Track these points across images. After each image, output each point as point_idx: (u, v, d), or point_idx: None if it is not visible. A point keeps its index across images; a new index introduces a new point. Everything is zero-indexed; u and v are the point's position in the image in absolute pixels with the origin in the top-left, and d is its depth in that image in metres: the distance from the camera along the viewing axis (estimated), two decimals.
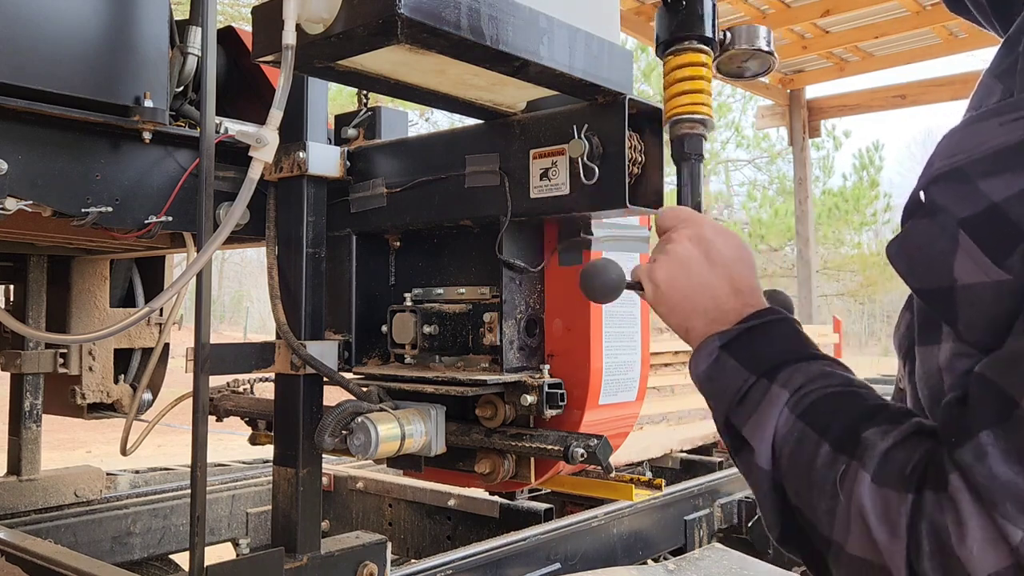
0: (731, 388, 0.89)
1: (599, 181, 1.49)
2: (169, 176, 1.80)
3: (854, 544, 0.71)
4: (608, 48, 1.44)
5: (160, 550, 3.08)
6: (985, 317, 0.72)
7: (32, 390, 2.99)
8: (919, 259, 0.77)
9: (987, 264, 0.71)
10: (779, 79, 8.34)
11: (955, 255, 0.73)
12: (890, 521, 0.68)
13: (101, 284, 2.90)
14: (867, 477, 0.71)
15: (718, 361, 0.92)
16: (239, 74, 2.14)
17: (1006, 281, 0.70)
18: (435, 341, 1.76)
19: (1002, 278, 0.70)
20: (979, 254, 0.71)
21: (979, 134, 0.75)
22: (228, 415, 2.33)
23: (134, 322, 2.20)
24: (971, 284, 0.72)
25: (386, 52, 1.29)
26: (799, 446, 0.79)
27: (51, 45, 1.53)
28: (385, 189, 1.85)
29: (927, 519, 0.66)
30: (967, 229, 0.72)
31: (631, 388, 1.77)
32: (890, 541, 0.68)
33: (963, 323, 0.74)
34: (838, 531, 0.73)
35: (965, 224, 0.72)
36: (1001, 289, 0.70)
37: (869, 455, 0.72)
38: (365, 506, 3.21)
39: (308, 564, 1.79)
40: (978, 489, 0.63)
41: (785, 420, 0.81)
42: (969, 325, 0.74)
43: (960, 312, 0.74)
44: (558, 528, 2.40)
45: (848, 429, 0.76)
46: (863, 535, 0.70)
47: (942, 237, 0.74)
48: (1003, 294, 0.70)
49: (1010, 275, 0.70)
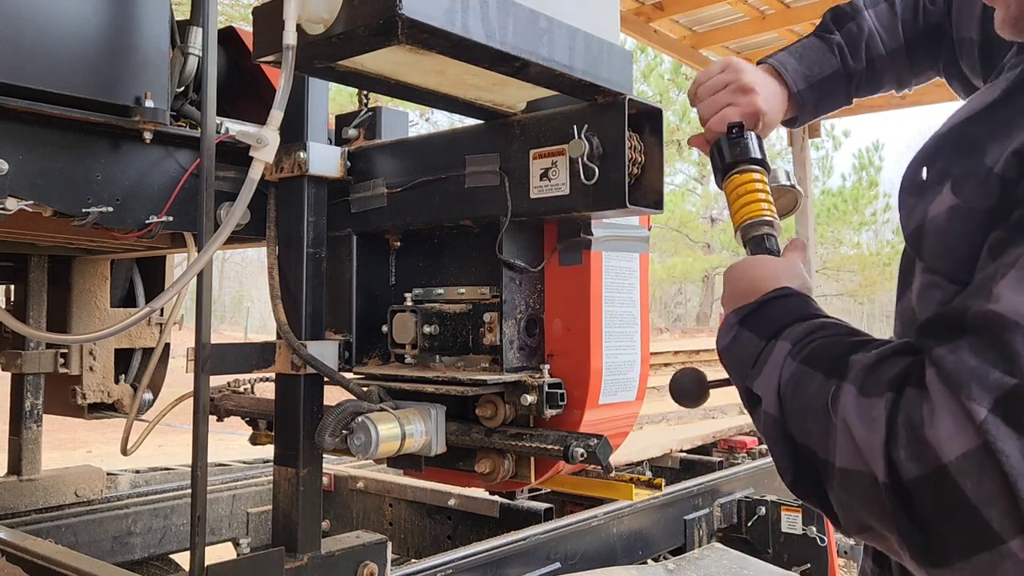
0: (747, 357, 0.94)
1: (599, 181, 1.49)
2: (170, 176, 1.81)
3: (843, 456, 0.74)
4: (608, 48, 1.44)
5: (160, 550, 3.08)
6: (942, 242, 0.82)
7: (33, 390, 2.99)
8: (912, 208, 0.88)
9: (948, 195, 0.82)
10: None
11: (934, 198, 0.85)
12: (870, 420, 0.71)
13: (102, 284, 2.90)
14: (852, 390, 0.75)
15: (736, 336, 0.98)
16: (240, 74, 2.14)
17: (957, 206, 0.81)
18: (435, 341, 1.76)
19: (955, 203, 0.81)
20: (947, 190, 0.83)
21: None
22: (229, 415, 2.33)
23: (135, 322, 2.20)
24: (935, 215, 0.84)
25: (386, 52, 1.29)
26: (798, 385, 0.83)
27: (52, 45, 1.53)
28: (385, 189, 1.86)
29: (904, 411, 0.69)
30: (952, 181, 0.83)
31: (631, 388, 1.77)
32: (869, 439, 0.70)
33: (927, 252, 0.85)
34: (832, 450, 0.75)
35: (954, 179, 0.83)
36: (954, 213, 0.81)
37: (854, 372, 0.76)
38: (365, 506, 3.21)
39: (308, 564, 1.79)
40: (948, 376, 0.67)
41: (787, 366, 0.86)
42: (932, 253, 0.84)
43: (925, 242, 0.84)
44: (558, 528, 2.40)
45: (839, 358, 0.80)
46: (848, 444, 0.73)
47: (936, 185, 0.85)
48: (955, 218, 0.81)
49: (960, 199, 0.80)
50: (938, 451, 0.65)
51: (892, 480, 0.68)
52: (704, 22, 7.15)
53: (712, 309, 22.67)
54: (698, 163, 21.56)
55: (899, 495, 0.68)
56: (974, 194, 0.80)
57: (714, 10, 6.82)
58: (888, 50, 1.45)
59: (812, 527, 2.92)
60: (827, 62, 1.44)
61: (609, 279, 1.70)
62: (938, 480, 0.65)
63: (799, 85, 1.41)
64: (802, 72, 1.42)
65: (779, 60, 1.39)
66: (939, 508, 0.66)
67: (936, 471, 0.65)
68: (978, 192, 0.80)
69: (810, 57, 1.44)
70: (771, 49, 6.41)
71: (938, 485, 0.65)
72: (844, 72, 1.44)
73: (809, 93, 1.42)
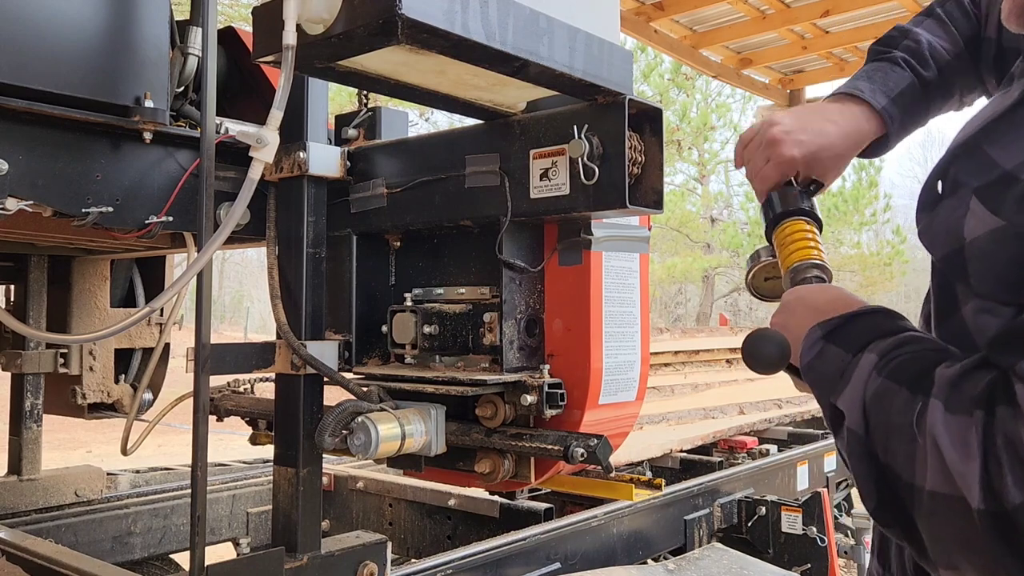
0: (833, 372, 0.89)
1: (599, 181, 1.49)
2: (169, 176, 1.81)
3: (933, 480, 0.69)
4: (608, 48, 1.44)
5: (160, 550, 3.08)
6: (989, 267, 0.78)
7: (33, 390, 2.99)
8: (940, 230, 0.85)
9: (986, 215, 0.78)
10: (779, 79, 8.34)
11: (965, 217, 0.81)
12: (964, 443, 0.67)
13: (102, 284, 2.90)
14: (940, 406, 0.71)
15: (822, 351, 0.93)
16: (239, 74, 2.14)
17: (1000, 227, 0.77)
18: (435, 341, 1.76)
19: (997, 224, 0.77)
20: (979, 209, 0.79)
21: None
22: (229, 415, 2.33)
23: (134, 322, 2.20)
24: (976, 238, 0.80)
25: (386, 52, 1.29)
26: (883, 401, 0.79)
27: (52, 45, 1.53)
28: (385, 189, 1.85)
29: (1002, 433, 0.65)
30: (977, 194, 0.80)
31: (631, 388, 1.77)
32: (964, 463, 0.67)
33: (973, 277, 0.80)
34: (919, 472, 0.71)
35: (977, 191, 0.81)
36: (996, 236, 0.77)
37: (939, 388, 0.73)
38: (365, 506, 3.21)
39: (308, 564, 1.79)
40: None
41: (872, 381, 0.82)
42: (979, 277, 0.80)
43: (969, 267, 0.80)
44: (558, 528, 2.40)
45: (922, 372, 0.77)
46: (939, 467, 0.69)
47: (960, 207, 0.82)
48: (998, 240, 0.77)
49: (1004, 220, 0.76)
50: None
51: (991, 507, 0.64)
52: (704, 22, 7.15)
53: (712, 309, 22.67)
54: (698, 163, 21.57)
55: (999, 523, 0.64)
56: (1016, 213, 0.76)
57: (714, 10, 6.82)
58: (952, 55, 1.37)
59: (812, 527, 2.92)
60: (899, 76, 1.37)
61: (609, 279, 1.70)
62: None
63: (880, 101, 1.33)
64: (879, 89, 1.34)
65: (851, 86, 1.33)
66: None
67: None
68: (1020, 211, 0.76)
69: (879, 76, 1.36)
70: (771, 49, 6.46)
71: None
72: (919, 82, 1.36)
73: (893, 107, 1.33)
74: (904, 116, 1.35)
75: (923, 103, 1.37)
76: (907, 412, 0.74)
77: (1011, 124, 0.84)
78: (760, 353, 1.06)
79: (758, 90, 8.41)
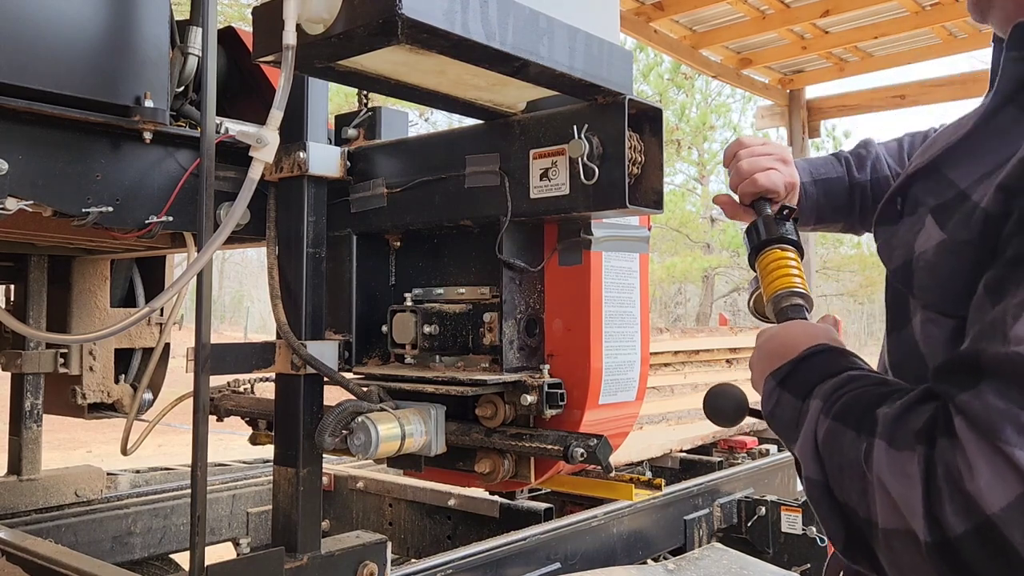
0: (789, 420, 0.91)
1: (599, 181, 1.49)
2: (169, 176, 1.81)
3: (884, 516, 0.71)
4: (608, 48, 1.44)
5: (160, 550, 3.08)
6: (933, 278, 0.84)
7: (33, 390, 2.99)
8: (897, 244, 0.92)
9: (935, 230, 0.85)
10: (778, 79, 8.34)
11: (917, 232, 0.88)
12: (907, 477, 0.69)
13: (102, 284, 2.90)
14: (883, 445, 0.73)
15: (778, 400, 0.95)
16: (239, 74, 2.14)
17: (944, 241, 0.83)
18: (435, 341, 1.76)
19: (942, 238, 0.83)
20: (931, 225, 0.86)
21: None
22: (229, 415, 2.33)
23: (134, 322, 2.20)
24: (924, 250, 0.86)
25: (386, 52, 1.29)
26: (832, 443, 0.81)
27: (52, 45, 1.53)
28: (385, 189, 1.85)
29: (941, 464, 0.67)
30: (933, 212, 0.87)
31: (631, 388, 1.77)
32: (908, 496, 0.68)
33: (918, 288, 0.86)
34: (872, 509, 0.73)
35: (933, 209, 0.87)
36: (942, 249, 0.83)
37: (883, 425, 0.74)
38: (365, 506, 3.21)
39: (308, 564, 1.79)
40: (978, 422, 0.65)
41: (821, 424, 0.84)
42: (923, 288, 0.86)
43: (915, 278, 0.87)
44: (558, 528, 2.40)
45: (866, 411, 0.79)
46: (888, 503, 0.71)
47: (917, 223, 0.89)
48: (943, 253, 0.83)
49: (946, 234, 0.83)
50: (981, 503, 0.63)
51: (936, 538, 0.65)
52: (704, 22, 7.15)
53: (712, 309, 22.66)
54: (698, 163, 21.56)
55: (945, 553, 0.65)
56: (959, 228, 0.81)
57: (714, 10, 6.82)
58: (895, 173, 1.49)
59: (812, 527, 2.92)
60: (832, 168, 1.51)
61: (609, 279, 1.70)
62: (985, 533, 0.63)
63: (803, 178, 1.47)
64: (808, 169, 1.49)
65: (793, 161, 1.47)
66: (990, 562, 0.63)
67: (982, 524, 0.63)
68: (963, 226, 0.81)
69: (817, 162, 1.52)
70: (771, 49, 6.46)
71: (986, 539, 0.63)
72: (848, 181, 1.50)
73: (813, 188, 1.48)
74: (820, 202, 1.49)
75: (847, 200, 1.51)
76: (855, 451, 0.76)
77: (967, 148, 0.89)
78: (717, 409, 1.15)
79: (758, 90, 8.41)
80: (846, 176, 1.51)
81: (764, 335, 1.08)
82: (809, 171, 1.50)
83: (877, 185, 1.50)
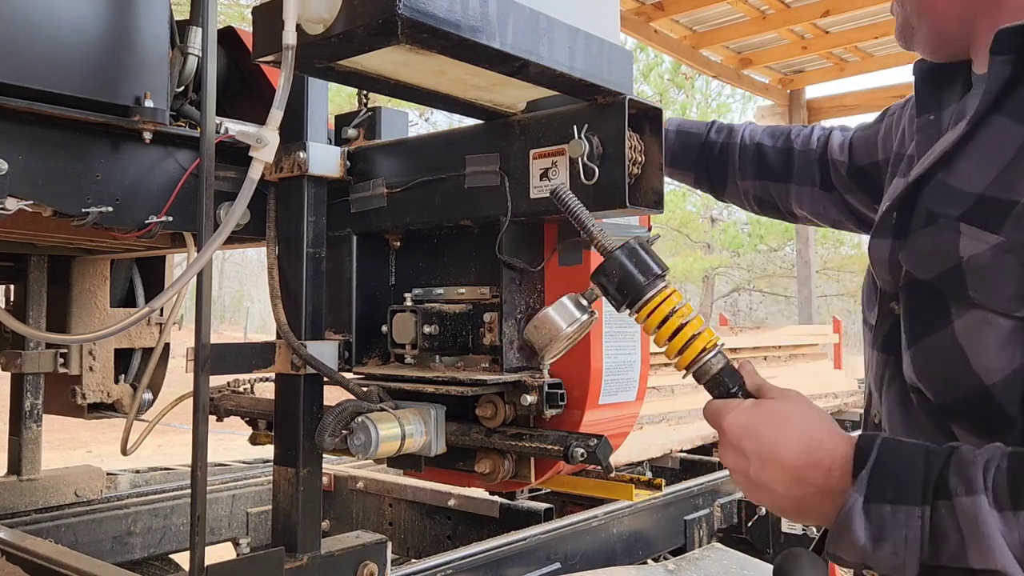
0: (911, 535, 0.78)
1: (599, 181, 1.49)
2: (169, 176, 1.81)
3: None
4: (608, 48, 1.44)
5: (160, 550, 3.08)
6: (989, 279, 0.88)
7: (32, 390, 2.99)
8: (929, 253, 0.95)
9: (983, 235, 0.89)
10: (779, 79, 8.34)
11: (958, 241, 0.91)
12: None
13: (101, 284, 2.90)
14: None
15: (878, 518, 0.80)
16: (239, 74, 2.14)
17: (1002, 243, 0.88)
18: (435, 341, 1.76)
19: (999, 241, 0.88)
20: (974, 230, 0.90)
21: None
22: (228, 415, 2.32)
23: (134, 322, 2.20)
24: (975, 254, 0.89)
25: (386, 52, 1.29)
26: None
27: (51, 45, 1.53)
28: (385, 189, 1.85)
29: None
30: (964, 220, 0.92)
31: (631, 388, 1.77)
32: None
33: (972, 288, 0.89)
34: None
35: (962, 217, 0.92)
36: (999, 251, 0.88)
37: None
38: (365, 506, 3.21)
39: (308, 564, 1.79)
40: None
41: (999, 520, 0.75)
42: (978, 289, 0.89)
43: (968, 280, 0.89)
44: (558, 528, 2.40)
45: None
46: None
47: (945, 233, 0.93)
48: (1001, 254, 0.88)
49: (1003, 236, 0.88)
50: None
51: None
52: (704, 22, 7.15)
53: (712, 309, 22.66)
54: None
55: None
56: (1013, 230, 0.86)
57: (714, 10, 6.82)
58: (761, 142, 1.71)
59: (812, 527, 2.91)
60: (697, 127, 1.80)
61: None
62: None
63: (669, 127, 1.78)
64: (677, 122, 1.81)
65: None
66: None
67: None
68: (1017, 228, 0.86)
69: (688, 121, 1.82)
70: (771, 49, 6.46)
71: None
72: (704, 139, 1.77)
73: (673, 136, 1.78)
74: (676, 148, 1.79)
75: (697, 153, 1.76)
76: None
77: (965, 156, 0.95)
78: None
79: (758, 90, 8.41)
80: (704, 135, 1.76)
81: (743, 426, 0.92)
82: (677, 123, 1.81)
83: (726, 148, 1.73)
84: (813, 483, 0.87)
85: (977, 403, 0.90)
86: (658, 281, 1.06)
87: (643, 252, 1.06)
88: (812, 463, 0.87)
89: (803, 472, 0.87)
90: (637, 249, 1.06)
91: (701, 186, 1.82)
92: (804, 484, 0.87)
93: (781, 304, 24.63)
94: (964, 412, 0.93)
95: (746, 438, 0.92)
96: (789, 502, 0.90)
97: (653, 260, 1.07)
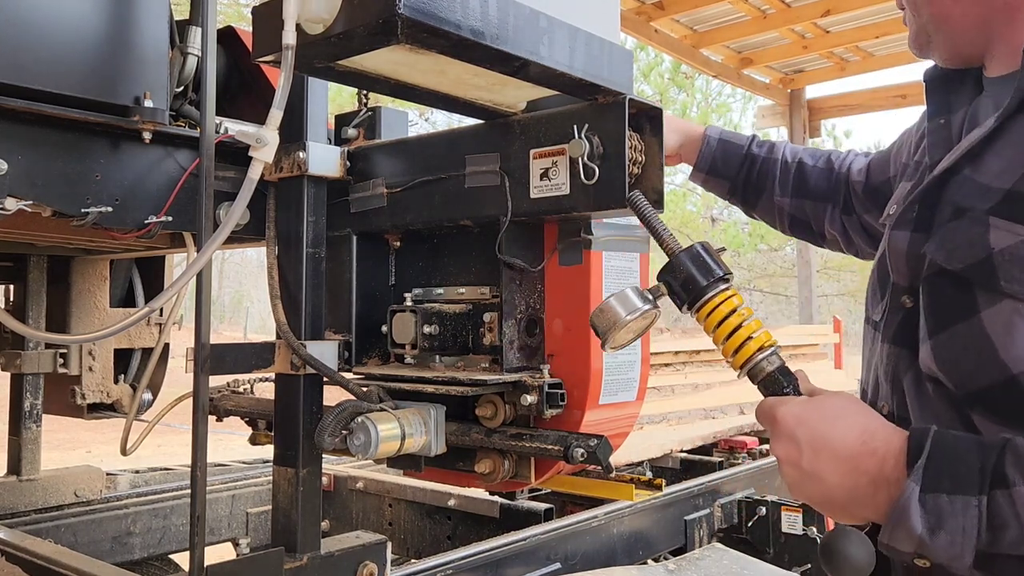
0: (968, 524, 0.80)
1: (599, 181, 1.49)
2: (169, 176, 1.80)
3: None
4: (608, 48, 1.44)
5: (160, 550, 3.08)
6: (1018, 267, 0.88)
7: (32, 390, 2.99)
8: (960, 244, 0.95)
9: (1015, 227, 0.89)
10: (779, 79, 8.34)
11: (988, 233, 0.92)
12: None
13: (101, 284, 2.90)
14: None
15: (930, 508, 0.81)
16: (239, 74, 2.14)
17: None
18: (435, 341, 1.76)
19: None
20: (1006, 223, 0.90)
21: None
22: (228, 415, 2.32)
23: (134, 322, 2.20)
24: (1007, 246, 0.90)
25: (386, 52, 1.29)
26: None
27: (51, 45, 1.53)
28: (385, 189, 1.85)
29: None
30: (994, 213, 0.92)
31: (631, 388, 1.77)
32: None
33: (1004, 279, 0.90)
34: None
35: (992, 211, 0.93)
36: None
37: None
38: (365, 506, 3.20)
39: (308, 564, 1.79)
40: None
41: None
42: (1010, 279, 0.89)
43: (1000, 271, 0.90)
44: (558, 528, 2.40)
45: None
46: None
47: (975, 226, 0.94)
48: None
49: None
50: None
51: None
52: (705, 21, 7.15)
53: None
54: None
55: None
56: None
57: (715, 9, 6.82)
58: (799, 160, 1.71)
59: (813, 527, 2.91)
60: (740, 138, 1.78)
61: (609, 279, 1.70)
62: None
63: (712, 133, 1.75)
64: (720, 130, 1.78)
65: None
66: None
67: None
68: None
69: (730, 131, 1.80)
70: (771, 49, 6.47)
71: None
72: (745, 150, 1.75)
73: (716, 143, 1.75)
74: (717, 155, 1.75)
75: (738, 164, 1.75)
76: None
77: (992, 152, 0.96)
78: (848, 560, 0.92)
79: (758, 90, 8.41)
80: (746, 147, 1.75)
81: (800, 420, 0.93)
82: (720, 131, 1.77)
83: (767, 163, 1.72)
84: (867, 472, 0.87)
85: (1002, 392, 0.90)
86: (720, 283, 1.10)
87: (707, 256, 1.11)
88: (867, 452, 0.88)
89: (857, 461, 0.88)
90: (701, 253, 1.12)
91: (734, 197, 1.80)
92: (857, 473, 0.88)
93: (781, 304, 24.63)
94: (987, 400, 0.93)
95: (800, 427, 0.93)
96: (841, 493, 0.89)
97: (716, 264, 1.12)
